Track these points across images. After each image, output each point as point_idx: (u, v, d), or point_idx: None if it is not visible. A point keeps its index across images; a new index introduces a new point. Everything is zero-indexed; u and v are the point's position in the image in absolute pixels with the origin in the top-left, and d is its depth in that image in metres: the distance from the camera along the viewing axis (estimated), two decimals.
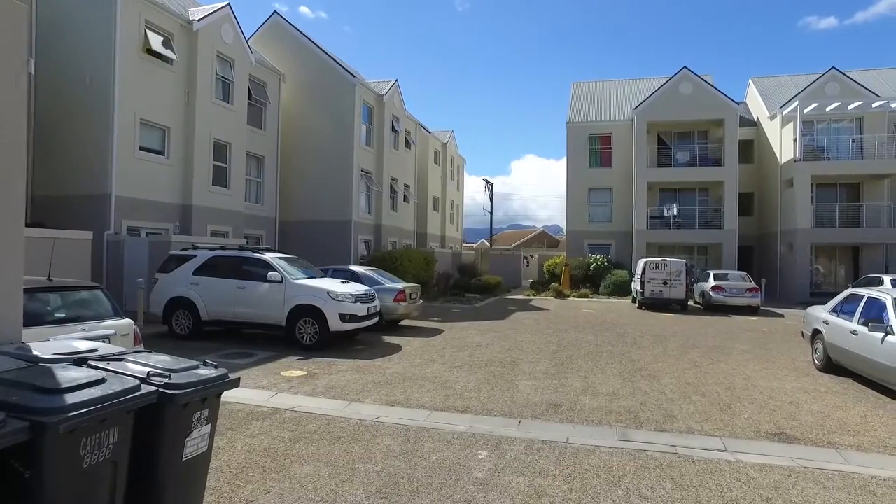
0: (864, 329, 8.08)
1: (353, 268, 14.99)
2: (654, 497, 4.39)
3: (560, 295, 25.22)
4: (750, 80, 32.25)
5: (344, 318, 10.75)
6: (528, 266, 37.20)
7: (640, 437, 5.94)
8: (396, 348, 11.15)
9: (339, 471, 4.74)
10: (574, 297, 25.12)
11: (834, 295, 11.11)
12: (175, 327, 11.84)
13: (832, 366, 9.26)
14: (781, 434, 6.12)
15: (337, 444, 5.42)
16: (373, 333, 12.64)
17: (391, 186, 26.36)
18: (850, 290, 9.68)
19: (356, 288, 11.62)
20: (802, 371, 9.59)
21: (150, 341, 11.26)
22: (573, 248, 30.03)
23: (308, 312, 10.83)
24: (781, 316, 18.79)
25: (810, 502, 4.37)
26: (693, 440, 5.86)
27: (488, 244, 48.71)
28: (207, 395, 3.13)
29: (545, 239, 60.15)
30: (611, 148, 29.96)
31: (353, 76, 23.36)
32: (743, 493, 4.52)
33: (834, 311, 9.56)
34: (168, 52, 16.07)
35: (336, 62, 23.56)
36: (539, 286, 28.06)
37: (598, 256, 27.98)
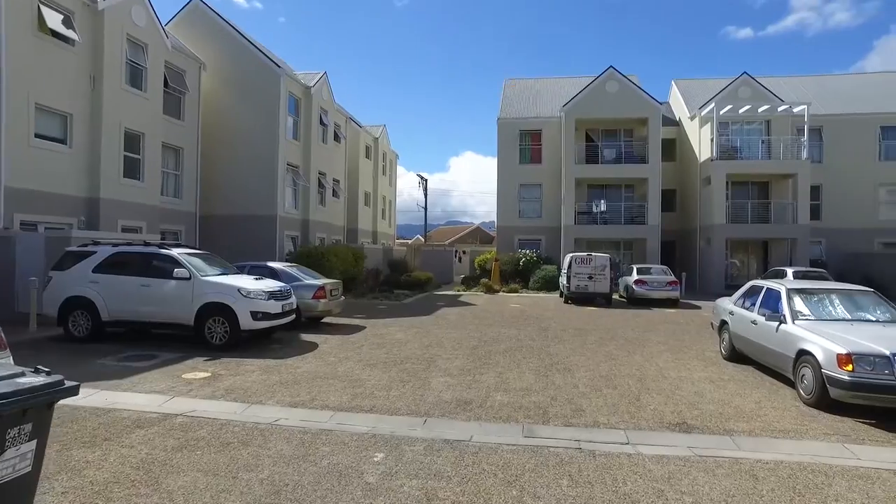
0: (762, 318, 8.42)
1: (272, 264, 14.37)
2: (547, 496, 4.29)
3: (490, 290, 25.35)
4: (672, 82, 33.51)
5: (256, 315, 10.26)
6: (459, 262, 37.27)
7: (545, 433, 5.88)
8: (312, 346, 10.75)
9: (218, 481, 4.39)
10: (504, 292, 25.30)
11: None
12: (72, 329, 10.94)
13: (737, 355, 9.61)
14: (683, 424, 6.22)
15: (224, 451, 5.05)
16: (291, 332, 12.18)
17: (319, 181, 25.69)
18: (752, 282, 10.08)
19: (270, 285, 11.11)
20: (710, 361, 9.92)
21: (40, 345, 10.41)
22: (504, 243, 30.29)
23: (218, 311, 10.27)
24: (699, 308, 19.57)
25: (699, 491, 4.41)
26: (598, 434, 5.85)
27: (423, 240, 48.56)
28: (30, 407, 2.73)
29: (480, 235, 60.58)
30: (541, 144, 30.34)
31: (279, 66, 22.55)
32: (637, 486, 4.51)
33: (738, 302, 9.94)
34: (69, 32, 14.90)
35: (261, 51, 22.65)
36: (470, 282, 28.12)
37: (528, 252, 28.29)
